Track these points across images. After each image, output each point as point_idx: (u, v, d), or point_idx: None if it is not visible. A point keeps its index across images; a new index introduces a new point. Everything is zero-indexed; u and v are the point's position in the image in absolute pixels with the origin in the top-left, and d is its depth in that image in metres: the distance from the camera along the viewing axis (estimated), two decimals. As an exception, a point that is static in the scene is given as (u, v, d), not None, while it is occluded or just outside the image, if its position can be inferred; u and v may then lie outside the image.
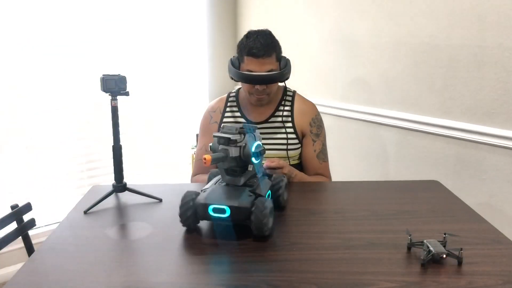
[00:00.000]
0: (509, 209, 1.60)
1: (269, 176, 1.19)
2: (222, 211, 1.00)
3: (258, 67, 1.42)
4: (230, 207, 0.99)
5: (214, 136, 1.04)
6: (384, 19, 1.96)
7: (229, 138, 1.01)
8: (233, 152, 1.01)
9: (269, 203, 1.00)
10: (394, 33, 1.93)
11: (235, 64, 1.47)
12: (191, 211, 1.02)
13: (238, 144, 1.03)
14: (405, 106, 1.94)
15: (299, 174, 1.49)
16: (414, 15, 1.83)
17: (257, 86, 1.45)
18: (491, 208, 1.64)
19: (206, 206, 1.00)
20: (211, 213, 1.00)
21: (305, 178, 1.51)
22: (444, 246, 0.92)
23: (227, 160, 1.01)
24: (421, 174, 1.90)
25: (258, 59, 1.41)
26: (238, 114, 1.59)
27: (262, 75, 1.41)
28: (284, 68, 1.47)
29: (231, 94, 1.64)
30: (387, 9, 1.94)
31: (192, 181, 1.61)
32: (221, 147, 1.02)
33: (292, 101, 1.59)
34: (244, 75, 1.43)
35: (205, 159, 0.93)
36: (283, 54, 1.52)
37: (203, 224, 1.10)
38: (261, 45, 1.40)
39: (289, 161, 1.55)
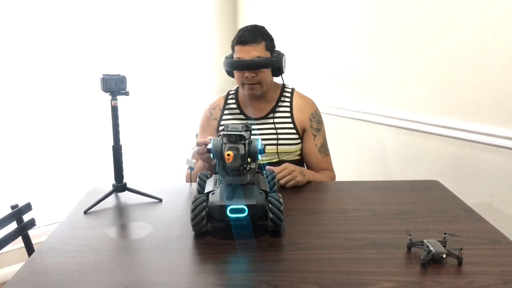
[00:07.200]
0: (509, 209, 1.60)
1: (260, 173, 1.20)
2: (240, 211, 1.00)
3: (245, 54, 1.46)
4: (248, 206, 1.00)
5: (225, 135, 1.02)
6: (384, 20, 1.96)
7: (242, 135, 1.01)
8: (241, 149, 1.00)
9: (281, 199, 1.02)
10: (394, 33, 1.93)
11: (229, 57, 1.53)
12: (204, 214, 1.01)
13: (245, 142, 1.02)
14: (405, 106, 1.94)
15: (308, 172, 1.49)
16: (415, 15, 1.83)
17: (246, 74, 1.47)
18: (491, 208, 1.64)
19: (223, 207, 1.00)
20: (229, 213, 1.00)
21: (316, 176, 1.51)
22: (444, 246, 0.92)
23: (237, 158, 0.99)
24: (421, 174, 1.90)
25: (246, 45, 1.45)
26: (237, 111, 1.61)
27: (248, 60, 1.45)
28: (274, 58, 1.49)
29: (231, 92, 1.67)
30: (388, 9, 1.94)
31: (186, 176, 1.61)
32: (229, 145, 1.01)
33: (291, 98, 1.61)
34: (232, 62, 1.49)
35: (228, 155, 0.95)
36: (285, 54, 1.54)
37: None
38: (248, 33, 1.47)
39: (278, 157, 1.55)
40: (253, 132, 1.49)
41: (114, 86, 1.16)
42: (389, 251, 0.96)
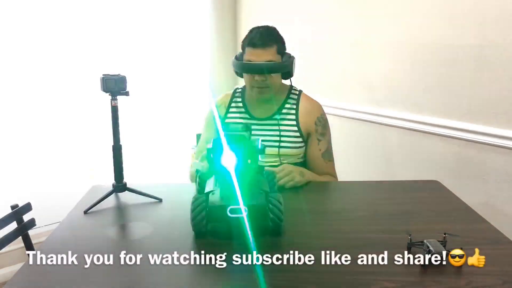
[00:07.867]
0: (509, 209, 1.60)
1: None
2: (241, 211, 1.00)
3: (257, 57, 1.44)
4: (248, 206, 0.99)
5: (226, 135, 1.01)
6: (386, 20, 1.96)
7: (243, 135, 1.01)
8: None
9: (282, 199, 1.02)
10: (395, 34, 1.93)
11: (239, 58, 1.51)
12: (204, 214, 1.01)
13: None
14: (405, 106, 1.94)
15: (308, 172, 1.49)
16: (415, 15, 1.83)
17: (256, 77, 1.46)
18: (491, 208, 1.64)
19: (223, 207, 1.00)
20: (229, 214, 1.00)
21: (316, 178, 1.51)
22: (444, 246, 0.92)
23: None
24: (421, 174, 1.90)
25: (257, 49, 1.43)
26: (243, 109, 1.60)
27: (259, 64, 1.43)
28: (285, 62, 1.47)
29: (237, 90, 1.66)
30: (389, 9, 1.94)
31: (191, 175, 1.61)
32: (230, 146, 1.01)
33: (298, 100, 1.59)
34: (242, 64, 1.47)
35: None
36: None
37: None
38: (261, 36, 1.44)
39: (280, 160, 1.54)
40: (256, 132, 1.50)
41: (114, 86, 1.16)
42: (389, 251, 0.96)
